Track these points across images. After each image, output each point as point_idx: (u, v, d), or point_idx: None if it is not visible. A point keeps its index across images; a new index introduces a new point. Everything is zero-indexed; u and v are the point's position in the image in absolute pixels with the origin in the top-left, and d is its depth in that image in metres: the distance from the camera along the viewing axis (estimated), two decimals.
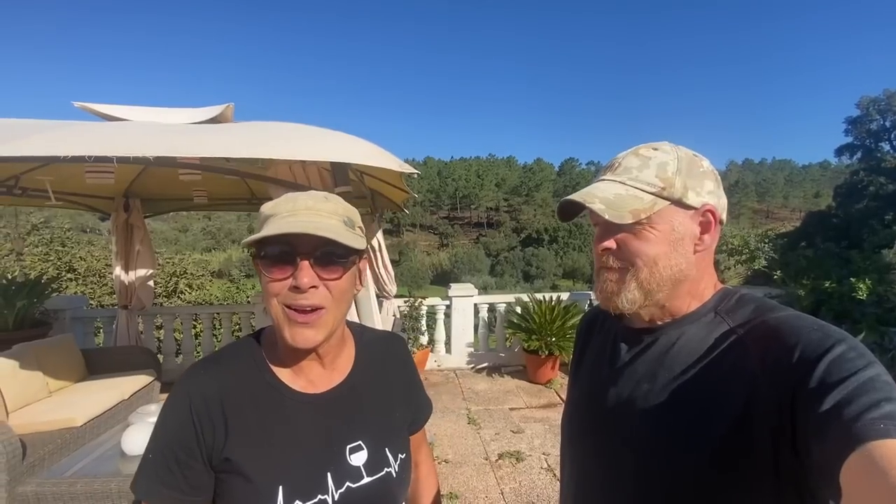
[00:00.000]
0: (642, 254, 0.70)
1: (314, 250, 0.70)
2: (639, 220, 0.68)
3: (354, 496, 0.77)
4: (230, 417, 0.73)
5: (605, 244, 0.72)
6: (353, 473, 0.78)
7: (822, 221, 17.22)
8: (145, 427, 2.63)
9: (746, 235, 8.05)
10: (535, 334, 4.87)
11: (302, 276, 0.69)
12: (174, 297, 10.12)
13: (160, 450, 0.73)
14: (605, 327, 0.88)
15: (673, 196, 0.69)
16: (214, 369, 0.78)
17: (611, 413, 0.75)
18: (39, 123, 2.42)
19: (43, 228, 12.47)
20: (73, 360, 3.91)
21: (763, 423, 0.58)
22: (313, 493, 0.74)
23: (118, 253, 4.72)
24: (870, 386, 0.50)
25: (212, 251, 61.84)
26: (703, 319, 0.71)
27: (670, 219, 0.70)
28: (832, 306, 5.02)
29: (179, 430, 0.72)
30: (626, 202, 0.69)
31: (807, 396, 0.53)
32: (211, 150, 2.17)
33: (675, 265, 0.70)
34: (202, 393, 0.73)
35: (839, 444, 0.47)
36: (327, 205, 0.73)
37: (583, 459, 0.82)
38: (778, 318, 0.64)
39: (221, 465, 0.73)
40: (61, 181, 3.68)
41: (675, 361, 0.70)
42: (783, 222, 70.56)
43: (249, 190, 4.98)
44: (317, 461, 0.76)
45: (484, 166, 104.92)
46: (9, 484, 2.50)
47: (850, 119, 22.49)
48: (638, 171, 0.71)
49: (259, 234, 0.69)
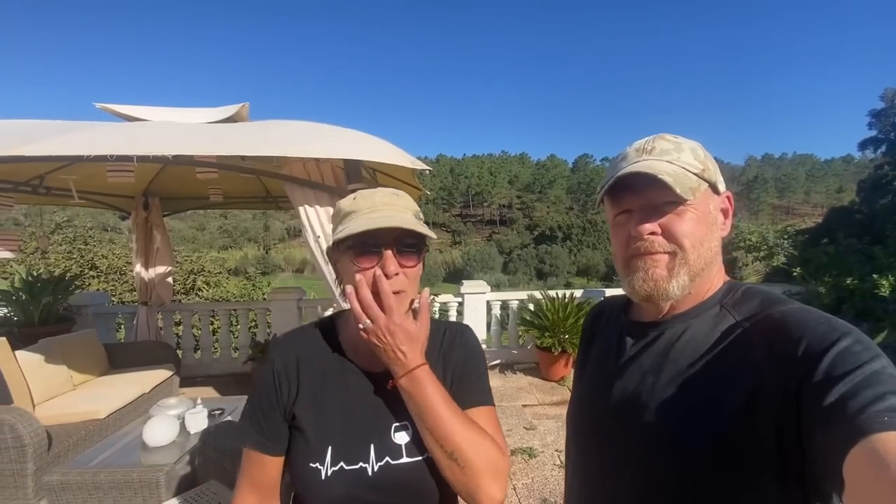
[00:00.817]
0: (690, 234, 0.68)
1: (395, 241, 0.79)
2: (683, 204, 0.68)
3: (392, 472, 0.81)
4: (302, 380, 0.85)
5: (651, 227, 0.69)
6: (394, 450, 0.82)
7: (845, 217, 16.72)
8: (165, 419, 2.70)
9: (765, 231, 7.88)
10: (548, 331, 4.85)
11: (388, 264, 0.78)
12: (192, 293, 10.31)
13: (253, 402, 0.87)
14: (612, 322, 0.88)
15: (711, 179, 0.70)
16: (296, 339, 0.92)
17: (616, 407, 0.75)
18: (63, 124, 2.49)
19: (66, 227, 12.82)
20: (96, 354, 4.03)
21: (768, 416, 0.58)
22: (356, 460, 0.81)
23: (138, 250, 4.84)
24: (875, 379, 0.49)
25: (228, 249, 62.87)
26: (709, 313, 0.71)
27: (708, 201, 0.71)
28: (854, 304, 4.89)
29: (265, 386, 0.86)
30: (681, 180, 0.67)
31: (812, 389, 0.53)
32: (227, 149, 2.21)
33: (714, 248, 0.71)
34: (283, 357, 0.87)
35: (843, 436, 0.46)
36: (400, 200, 0.82)
37: (588, 452, 0.82)
38: (784, 312, 0.64)
39: (290, 420, 0.85)
40: (84, 180, 3.79)
41: (681, 355, 0.69)
42: (804, 218, 68.81)
43: (264, 188, 5.05)
44: (363, 431, 0.83)
45: (496, 163, 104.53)
46: (35, 473, 2.60)
47: (875, 112, 21.78)
48: (677, 153, 0.70)
49: (357, 230, 0.76)
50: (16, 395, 3.03)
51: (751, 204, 79.28)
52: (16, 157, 2.00)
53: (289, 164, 2.55)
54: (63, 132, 2.17)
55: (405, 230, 0.77)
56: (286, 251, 74.26)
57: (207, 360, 5.47)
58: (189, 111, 3.10)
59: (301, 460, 0.82)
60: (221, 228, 77.89)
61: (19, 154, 1.95)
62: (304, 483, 0.82)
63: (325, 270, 2.59)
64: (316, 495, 0.80)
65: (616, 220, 0.75)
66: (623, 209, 0.73)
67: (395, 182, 3.86)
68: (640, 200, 0.71)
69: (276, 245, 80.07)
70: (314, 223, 2.53)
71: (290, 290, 5.54)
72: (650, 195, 0.69)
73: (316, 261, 2.60)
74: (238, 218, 77.74)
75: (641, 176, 0.68)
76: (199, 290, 10.45)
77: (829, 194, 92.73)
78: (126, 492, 2.32)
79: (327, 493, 0.79)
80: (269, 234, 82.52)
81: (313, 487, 0.80)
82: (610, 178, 0.72)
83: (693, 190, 0.67)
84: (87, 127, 2.38)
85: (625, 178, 0.70)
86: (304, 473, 0.81)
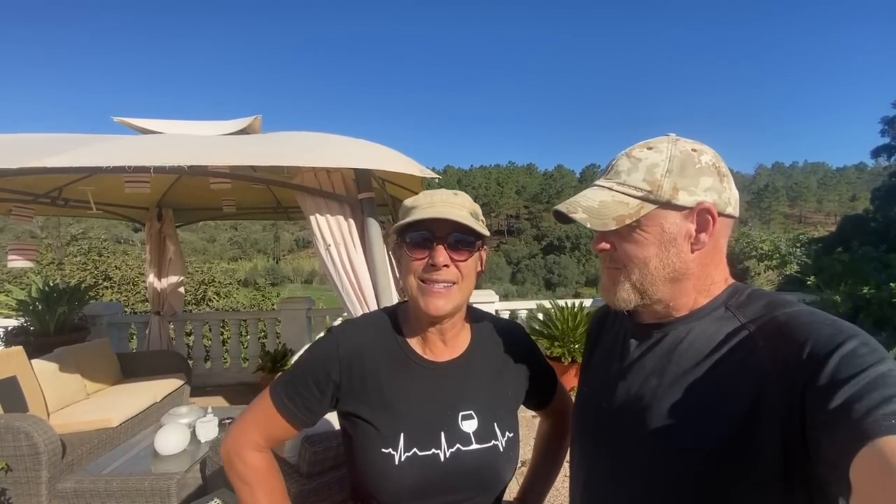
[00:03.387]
0: (633, 256, 0.71)
1: (447, 235, 0.84)
2: (627, 225, 0.69)
3: (463, 458, 0.87)
4: (367, 370, 0.88)
5: (600, 246, 0.75)
6: (464, 438, 0.88)
7: (860, 225, 16.43)
8: (177, 428, 2.72)
9: (777, 240, 7.78)
10: (558, 341, 4.80)
11: (438, 255, 0.83)
12: (203, 304, 10.39)
13: (301, 369, 0.90)
14: (616, 324, 0.88)
15: (661, 199, 0.68)
16: (362, 328, 0.95)
17: (620, 408, 0.75)
18: (83, 137, 2.56)
19: (81, 239, 13.08)
20: (109, 363, 4.08)
21: (773, 419, 0.57)
22: (428, 446, 0.86)
23: (151, 261, 4.91)
24: (881, 382, 0.49)
25: (238, 260, 63.44)
26: (714, 315, 0.70)
27: (660, 221, 0.69)
28: (871, 312, 4.79)
29: (325, 360, 0.88)
30: (611, 209, 0.69)
31: (817, 393, 0.52)
32: (240, 159, 2.26)
33: (669, 265, 0.70)
34: (350, 342, 0.90)
35: (849, 440, 0.46)
36: (458, 199, 0.87)
37: (592, 454, 0.81)
38: (789, 314, 0.63)
39: (347, 408, 0.88)
40: (101, 192, 3.87)
41: (685, 357, 0.69)
42: (816, 227, 67.85)
43: (275, 198, 5.12)
44: (432, 419, 0.88)
45: (504, 174, 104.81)
46: (49, 480, 2.62)
47: (888, 119, 21.50)
48: (626, 175, 0.71)
49: (409, 219, 0.83)
50: (31, 403, 3.07)
51: (762, 213, 78.59)
52: (38, 169, 2.06)
53: (300, 174, 2.59)
54: (83, 144, 2.24)
55: (458, 225, 0.82)
56: (295, 262, 74.79)
57: (218, 369, 5.50)
58: (203, 124, 3.18)
59: (371, 447, 0.85)
60: (232, 240, 78.75)
61: (41, 165, 2.01)
62: (374, 468, 0.84)
63: (335, 279, 2.62)
64: (389, 480, 0.83)
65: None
66: None
67: (403, 191, 3.89)
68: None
69: (285, 256, 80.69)
70: (325, 232, 2.56)
71: (298, 300, 5.58)
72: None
73: (326, 270, 2.63)
74: (248, 229, 78.60)
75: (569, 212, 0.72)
76: (210, 301, 10.54)
77: (841, 202, 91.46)
78: (137, 500, 2.34)
79: (401, 478, 0.83)
80: (278, 245, 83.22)
81: (387, 472, 0.83)
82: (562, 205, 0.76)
83: (625, 217, 0.68)
84: (106, 140, 2.45)
85: (555, 214, 0.76)
86: (375, 459, 0.84)
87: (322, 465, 2.04)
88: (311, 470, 2.02)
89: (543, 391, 1.08)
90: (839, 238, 15.88)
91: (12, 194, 3.20)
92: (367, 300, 2.59)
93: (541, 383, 1.06)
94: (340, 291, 2.62)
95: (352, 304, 2.61)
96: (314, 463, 2.01)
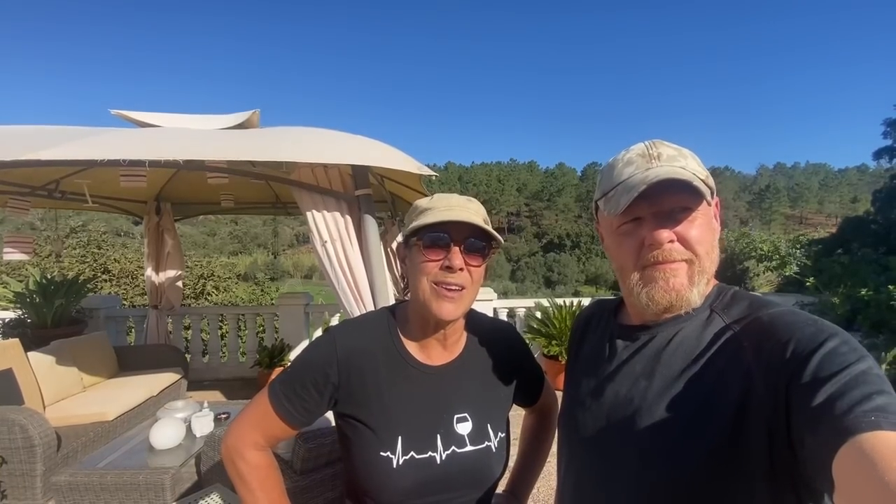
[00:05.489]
0: (703, 241, 0.68)
1: (464, 239, 0.84)
2: (706, 205, 0.68)
3: (458, 460, 0.88)
4: (366, 372, 0.88)
5: (669, 234, 0.67)
6: (459, 440, 0.90)
7: (860, 227, 16.40)
8: (172, 422, 2.72)
9: (777, 241, 7.77)
10: (556, 339, 4.80)
11: (454, 258, 0.83)
12: (201, 298, 10.40)
13: (300, 370, 0.89)
14: (601, 325, 0.87)
15: (711, 185, 0.69)
16: (360, 330, 0.94)
17: (609, 411, 0.74)
18: (79, 130, 2.55)
19: (80, 232, 13.05)
20: (106, 356, 4.08)
21: (759, 418, 0.58)
22: (425, 449, 0.87)
23: (150, 254, 4.91)
24: (861, 379, 0.50)
25: (238, 255, 63.44)
26: (699, 316, 0.71)
27: (710, 208, 0.70)
28: (869, 315, 4.78)
29: (324, 361, 0.87)
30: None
31: (800, 391, 0.53)
32: (238, 154, 2.24)
33: (718, 254, 0.71)
34: (349, 344, 0.89)
35: (831, 436, 0.47)
36: (472, 205, 0.88)
37: (581, 457, 0.80)
38: (772, 315, 0.64)
39: (344, 410, 0.88)
40: (98, 185, 3.86)
41: (673, 358, 0.69)
42: (817, 228, 67.82)
43: (274, 194, 5.11)
44: (428, 422, 0.89)
45: (505, 171, 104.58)
46: (44, 474, 2.63)
47: (889, 121, 21.43)
48: (683, 161, 0.69)
49: (430, 220, 0.82)
50: (27, 396, 3.07)
51: (763, 213, 78.51)
52: (33, 162, 2.05)
53: (298, 170, 2.57)
54: (78, 137, 2.22)
55: (475, 229, 0.83)
56: (295, 257, 74.75)
57: (215, 363, 5.51)
58: (201, 118, 3.16)
59: (368, 449, 0.86)
60: (232, 234, 78.67)
61: (36, 158, 2.00)
62: (372, 470, 0.85)
63: (331, 276, 2.61)
64: (387, 482, 0.84)
65: (621, 230, 0.72)
66: (632, 217, 0.70)
67: (402, 188, 3.88)
68: (653, 208, 0.68)
69: (285, 251, 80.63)
70: (321, 228, 2.55)
71: (297, 295, 5.58)
72: (663, 202, 0.67)
73: (323, 266, 2.62)
74: (248, 224, 78.49)
75: (676, 182, 0.65)
76: (209, 295, 10.55)
77: (843, 204, 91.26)
78: (132, 493, 2.34)
79: (399, 480, 0.84)
80: (278, 240, 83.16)
81: (385, 474, 0.84)
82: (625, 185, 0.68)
83: (707, 197, 0.67)
84: (102, 132, 2.43)
85: (658, 185, 0.65)
86: (373, 462, 0.85)
87: (316, 462, 2.04)
88: (305, 467, 2.02)
89: (532, 391, 1.11)
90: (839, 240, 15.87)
91: (9, 186, 3.19)
92: (363, 297, 2.59)
93: (531, 384, 1.09)
94: (336, 288, 2.61)
95: (348, 301, 2.61)
96: (308, 460, 2.01)
